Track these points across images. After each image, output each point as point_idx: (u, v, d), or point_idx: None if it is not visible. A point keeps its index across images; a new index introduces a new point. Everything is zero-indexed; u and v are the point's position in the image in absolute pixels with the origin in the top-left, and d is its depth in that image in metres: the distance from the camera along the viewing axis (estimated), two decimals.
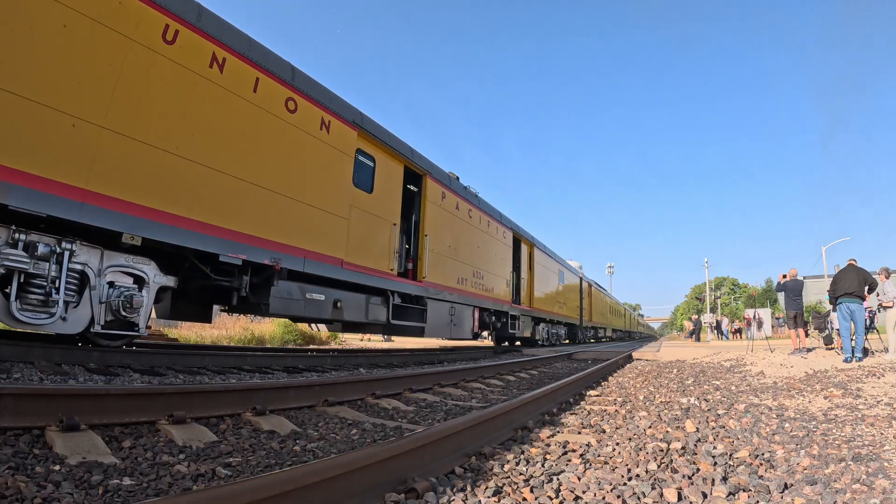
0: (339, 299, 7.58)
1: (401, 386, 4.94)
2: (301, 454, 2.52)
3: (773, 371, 7.68)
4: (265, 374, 5.98)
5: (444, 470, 2.18)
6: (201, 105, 5.54)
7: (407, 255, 10.17)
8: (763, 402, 4.62)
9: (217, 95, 5.69)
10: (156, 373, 5.19)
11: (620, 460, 2.45)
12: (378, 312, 8.46)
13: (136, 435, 2.64)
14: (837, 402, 4.53)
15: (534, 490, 2.00)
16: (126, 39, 4.83)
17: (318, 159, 7.07)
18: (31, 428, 2.45)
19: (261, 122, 6.19)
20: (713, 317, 41.13)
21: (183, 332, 14.61)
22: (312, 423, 3.33)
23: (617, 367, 8.49)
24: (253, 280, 6.30)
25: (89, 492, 1.81)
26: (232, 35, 5.94)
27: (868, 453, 2.61)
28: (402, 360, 9.05)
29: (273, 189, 6.34)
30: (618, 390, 5.44)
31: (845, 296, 9.22)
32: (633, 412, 3.90)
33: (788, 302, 12.30)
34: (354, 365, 7.80)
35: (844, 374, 6.68)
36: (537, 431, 3.06)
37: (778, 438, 3.03)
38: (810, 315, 19.42)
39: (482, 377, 6.53)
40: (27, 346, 5.04)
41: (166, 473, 2.06)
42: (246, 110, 6.01)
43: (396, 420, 3.61)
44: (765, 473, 2.31)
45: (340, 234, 7.45)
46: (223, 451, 2.48)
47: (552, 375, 7.44)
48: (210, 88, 5.64)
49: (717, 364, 9.69)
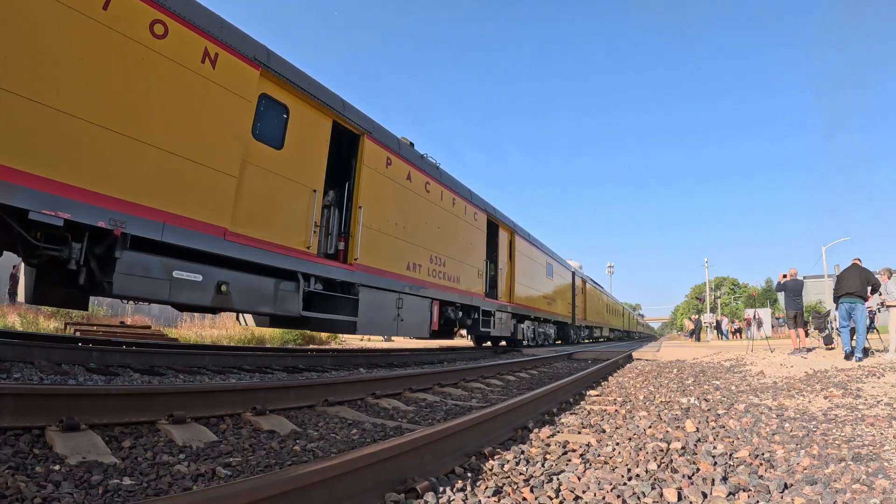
0: (226, 281, 5.93)
1: (401, 386, 4.94)
2: (301, 454, 2.52)
3: (773, 371, 7.68)
4: (265, 374, 5.98)
5: (444, 470, 2.18)
6: (7, 13, 4.17)
7: (340, 233, 8.43)
8: (763, 401, 4.62)
9: (32, 4, 4.38)
10: (156, 373, 5.19)
11: (620, 460, 2.45)
12: (287, 301, 6.68)
13: (136, 435, 2.64)
14: (837, 402, 4.53)
15: (534, 490, 2.00)
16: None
17: (194, 99, 5.61)
18: (31, 428, 2.45)
19: (110, 46, 4.87)
20: (713, 317, 41.11)
21: (183, 332, 14.62)
22: (312, 423, 3.33)
23: (617, 367, 8.49)
24: (95, 250, 4.89)
25: (89, 492, 1.81)
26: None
27: (868, 453, 2.61)
28: (402, 360, 9.05)
29: (120, 131, 4.87)
30: (618, 390, 5.44)
31: (847, 295, 9.28)
32: (633, 412, 3.90)
33: (788, 302, 12.30)
34: (354, 365, 7.80)
35: (844, 374, 6.68)
36: (537, 431, 3.06)
37: (778, 438, 3.03)
38: (810, 315, 19.43)
39: (482, 377, 6.53)
40: (27, 346, 5.04)
41: (166, 473, 2.06)
42: (86, 28, 4.70)
43: (396, 420, 3.61)
44: (765, 473, 2.31)
45: (224, 196, 5.82)
46: (223, 451, 2.48)
47: (552, 375, 7.44)
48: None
49: (717, 364, 9.69)
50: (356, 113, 8.14)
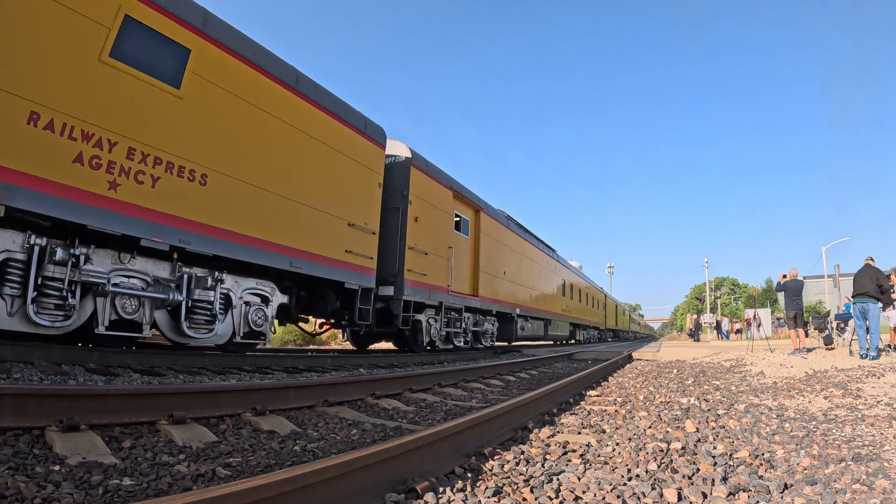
0: None
1: (401, 386, 4.94)
2: (301, 454, 2.52)
3: (773, 371, 7.68)
4: (265, 374, 5.98)
5: (444, 470, 2.18)
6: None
7: None
8: (763, 402, 4.62)
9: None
10: (156, 373, 5.18)
11: (620, 460, 2.45)
12: None
13: (136, 435, 2.64)
14: (837, 402, 4.53)
15: (534, 490, 2.00)
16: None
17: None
18: (31, 428, 2.45)
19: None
20: (713, 317, 41.10)
21: None
22: (312, 424, 3.33)
23: (617, 368, 8.49)
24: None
25: (89, 492, 1.81)
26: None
27: (868, 453, 2.61)
28: (402, 361, 9.05)
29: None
30: (618, 390, 5.44)
31: (860, 296, 9.36)
32: (633, 412, 3.90)
33: (788, 302, 12.31)
34: (354, 365, 7.80)
35: (844, 375, 6.67)
36: (537, 432, 3.06)
37: (778, 438, 3.03)
38: (810, 315, 19.44)
39: (482, 377, 6.54)
40: (27, 346, 5.04)
41: (166, 473, 2.06)
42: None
43: (396, 420, 3.61)
44: (765, 473, 2.31)
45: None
46: (223, 452, 2.48)
47: (552, 376, 7.44)
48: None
49: (717, 364, 9.69)
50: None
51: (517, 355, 11.95)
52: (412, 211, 9.76)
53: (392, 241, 9.42)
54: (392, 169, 9.74)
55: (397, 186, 9.65)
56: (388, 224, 9.38)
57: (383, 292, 9.23)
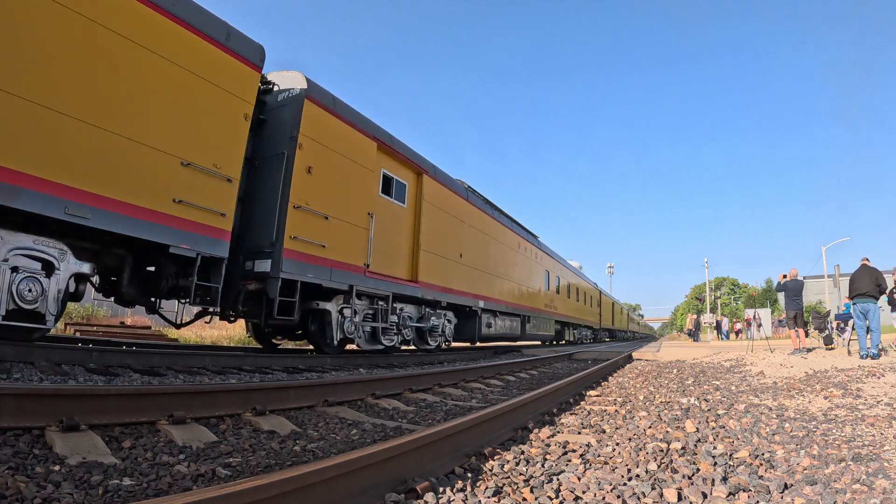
0: None
1: (401, 386, 4.94)
2: (301, 454, 2.52)
3: (773, 371, 7.68)
4: (265, 374, 5.98)
5: (444, 470, 2.18)
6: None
7: None
8: (763, 402, 4.62)
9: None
10: (156, 373, 5.19)
11: (620, 460, 2.45)
12: None
13: (136, 435, 2.64)
14: (837, 402, 4.53)
15: (534, 490, 2.00)
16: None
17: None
18: (31, 428, 2.45)
19: None
20: (713, 317, 41.10)
21: (183, 332, 14.61)
22: (312, 424, 3.33)
23: (617, 368, 8.49)
24: None
25: (89, 492, 1.81)
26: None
27: (868, 453, 2.61)
28: (402, 361, 9.05)
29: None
30: (618, 390, 5.44)
31: (859, 296, 9.39)
32: (633, 412, 3.90)
33: (788, 302, 12.32)
34: (354, 365, 7.80)
35: (844, 375, 6.67)
36: (537, 432, 3.06)
37: (778, 438, 3.03)
38: (810, 315, 19.43)
39: (482, 377, 6.54)
40: (27, 346, 5.04)
41: (166, 474, 2.06)
42: None
43: (396, 420, 3.61)
44: (765, 473, 2.31)
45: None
46: (223, 452, 2.48)
47: (552, 376, 7.44)
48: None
49: (717, 364, 9.69)
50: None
51: (517, 355, 11.96)
52: (303, 158, 7.14)
53: (271, 198, 7.01)
54: (281, 106, 7.49)
55: (285, 126, 7.27)
56: (266, 174, 7.17)
57: (259, 268, 6.84)
